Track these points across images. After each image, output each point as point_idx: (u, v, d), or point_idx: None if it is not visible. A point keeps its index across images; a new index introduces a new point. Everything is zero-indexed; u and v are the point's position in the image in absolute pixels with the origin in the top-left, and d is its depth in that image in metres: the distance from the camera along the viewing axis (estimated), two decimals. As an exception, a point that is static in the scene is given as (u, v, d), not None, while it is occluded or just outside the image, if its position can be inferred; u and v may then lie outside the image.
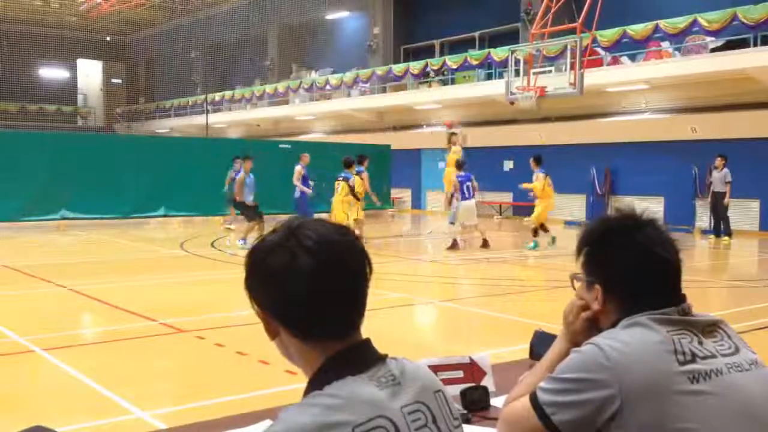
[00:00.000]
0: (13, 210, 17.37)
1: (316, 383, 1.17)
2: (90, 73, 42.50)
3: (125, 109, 41.92)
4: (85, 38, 38.66)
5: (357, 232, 1.31)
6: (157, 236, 17.07)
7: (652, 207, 10.22)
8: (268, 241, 1.22)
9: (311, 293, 1.17)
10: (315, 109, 28.72)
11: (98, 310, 8.07)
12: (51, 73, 40.30)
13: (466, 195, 13.46)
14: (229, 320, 7.03)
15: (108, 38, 40.12)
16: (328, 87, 28.44)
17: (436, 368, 2.25)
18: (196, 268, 11.44)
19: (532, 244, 13.66)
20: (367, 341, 1.23)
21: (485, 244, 13.58)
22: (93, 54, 41.05)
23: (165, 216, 19.94)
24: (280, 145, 23.89)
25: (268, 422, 1.15)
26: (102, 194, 18.39)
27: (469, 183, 13.60)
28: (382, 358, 1.22)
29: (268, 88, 31.45)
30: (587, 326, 1.64)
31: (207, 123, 30.12)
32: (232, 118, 32.89)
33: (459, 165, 13.96)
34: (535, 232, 13.89)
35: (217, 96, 33.78)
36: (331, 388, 1.13)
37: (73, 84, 41.84)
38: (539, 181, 13.96)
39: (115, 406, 4.56)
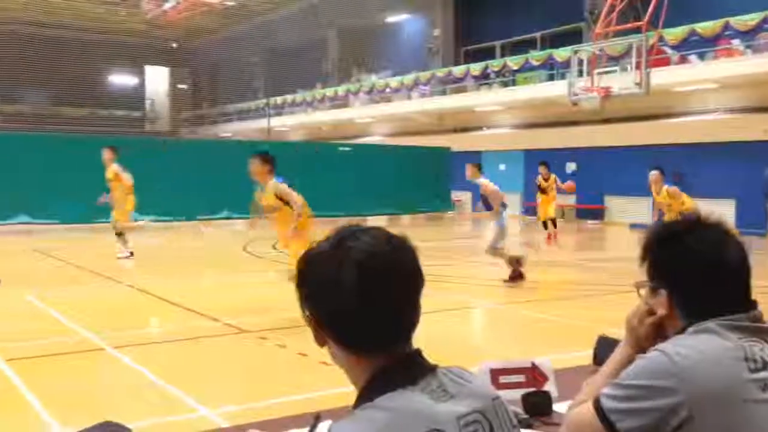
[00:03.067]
0: (85, 211, 17.99)
1: (366, 395, 1.15)
2: (157, 79, 43.73)
3: (190, 114, 42.95)
4: (152, 45, 39.81)
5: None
6: (220, 238, 17.42)
7: (722, 210, 9.93)
8: (319, 250, 1.22)
9: (358, 306, 1.15)
10: (375, 111, 28.84)
11: (164, 309, 8.29)
12: (120, 79, 41.63)
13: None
14: (290, 321, 7.12)
15: (174, 45, 41.21)
16: (388, 90, 28.54)
17: (497, 372, 2.23)
18: (258, 269, 11.63)
19: None
20: (418, 352, 1.20)
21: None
22: (160, 60, 42.24)
23: (228, 218, 20.34)
24: (340, 148, 24.08)
25: (329, 422, 1.15)
26: (168, 197, 18.89)
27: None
28: (432, 369, 1.19)
29: (329, 92, 31.76)
30: (652, 332, 1.60)
31: (269, 126, 30.61)
32: (293, 121, 33.33)
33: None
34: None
35: (279, 100, 34.29)
36: (382, 400, 1.11)
37: (141, 90, 43.11)
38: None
39: (181, 403, 4.67)
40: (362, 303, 1.15)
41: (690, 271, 1.53)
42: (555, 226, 14.59)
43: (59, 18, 34.33)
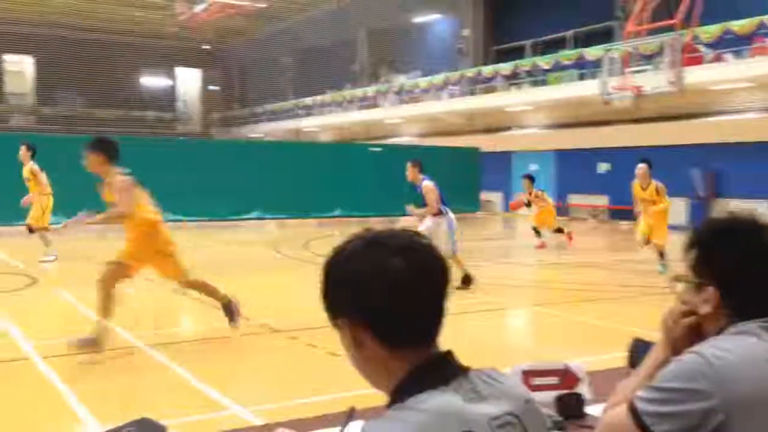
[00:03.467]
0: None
1: (399, 395, 1.15)
2: (188, 81, 44.22)
3: (221, 115, 43.37)
4: (184, 47, 40.29)
5: None
6: (251, 238, 17.56)
7: (761, 210, 9.71)
8: (352, 249, 1.22)
9: (399, 297, 1.16)
10: (404, 112, 28.86)
11: (197, 308, 8.38)
12: (152, 81, 42.18)
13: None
14: (321, 321, 7.16)
15: (205, 46, 41.65)
16: (417, 90, 28.52)
17: (530, 374, 2.22)
18: (289, 270, 11.70)
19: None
20: (449, 353, 1.21)
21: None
22: (191, 62, 42.73)
23: (260, 219, 20.51)
24: (370, 149, 24.13)
25: (360, 423, 1.16)
26: (200, 197, 19.11)
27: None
28: (464, 370, 1.19)
29: (358, 93, 31.84)
30: (689, 333, 1.58)
31: (298, 127, 30.79)
32: (322, 122, 33.48)
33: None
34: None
35: (309, 101, 34.46)
36: (415, 400, 1.11)
37: (173, 91, 43.64)
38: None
39: (213, 401, 4.72)
40: (403, 294, 1.16)
41: (752, 271, 1.50)
42: (562, 231, 14.43)
43: (94, 21, 34.92)
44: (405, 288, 1.16)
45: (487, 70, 25.58)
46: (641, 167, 10.78)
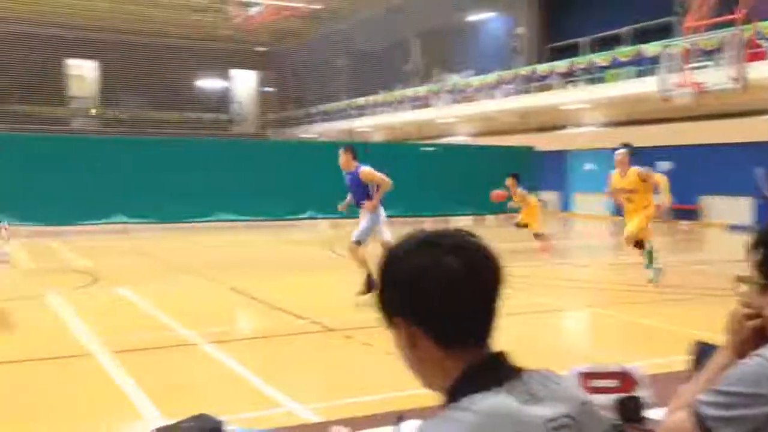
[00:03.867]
0: (180, 212, 18.73)
1: (453, 395, 1.15)
2: (243, 83, 44.93)
3: (276, 116, 43.94)
4: (239, 49, 40.96)
5: None
6: (305, 238, 17.74)
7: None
8: (406, 248, 1.22)
9: (453, 296, 1.16)
10: (457, 111, 28.73)
11: (253, 307, 8.54)
12: (208, 83, 43.02)
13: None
14: (375, 321, 7.19)
15: (260, 48, 42.25)
16: (470, 89, 28.37)
17: (588, 376, 2.20)
18: (343, 269, 11.79)
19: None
20: (503, 353, 1.20)
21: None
22: (246, 64, 43.41)
23: (312, 218, 20.70)
24: (422, 148, 24.10)
25: (414, 422, 1.16)
26: (256, 197, 19.40)
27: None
28: (518, 371, 1.18)
29: (411, 92, 31.84)
30: (753, 336, 1.54)
31: (351, 127, 30.96)
32: (375, 122, 33.59)
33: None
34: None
35: (361, 101, 34.62)
36: (469, 401, 1.10)
37: (228, 93, 44.43)
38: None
39: (270, 398, 4.80)
40: (460, 291, 1.16)
41: None
42: (540, 237, 13.30)
43: (153, 26, 35.81)
44: (459, 287, 1.16)
45: (542, 68, 25.27)
46: (620, 153, 9.53)
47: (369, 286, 7.90)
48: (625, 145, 9.69)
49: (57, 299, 8.48)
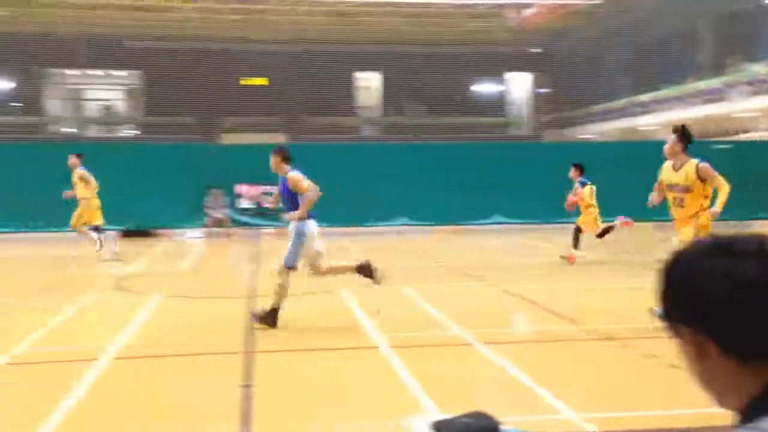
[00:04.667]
0: (457, 214, 19.37)
1: (748, 415, 1.06)
2: (518, 85, 45.11)
3: (552, 117, 43.36)
4: (513, 52, 41.24)
5: None
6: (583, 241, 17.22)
7: None
8: (694, 253, 1.14)
9: (752, 305, 1.06)
10: (758, 104, 25.87)
11: (526, 309, 8.53)
12: (483, 87, 44.03)
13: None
14: (654, 331, 6.77)
15: (535, 50, 42.04)
16: (772, 78, 25.40)
17: None
18: (619, 276, 11.31)
19: None
20: None
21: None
22: (520, 66, 43.58)
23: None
24: (715, 146, 22.09)
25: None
26: (529, 200, 19.31)
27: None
28: None
29: (701, 85, 29.40)
30: None
31: (634, 126, 29.45)
32: (660, 119, 31.52)
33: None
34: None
35: (645, 97, 32.75)
36: (763, 422, 1.01)
37: (503, 96, 44.99)
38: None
39: (544, 403, 4.76)
40: (757, 305, 1.06)
41: None
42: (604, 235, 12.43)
43: (426, 36, 37.71)
44: (759, 296, 1.06)
45: None
46: (670, 139, 7.39)
47: (268, 317, 7.18)
48: (676, 131, 7.46)
49: (346, 294, 9.21)
